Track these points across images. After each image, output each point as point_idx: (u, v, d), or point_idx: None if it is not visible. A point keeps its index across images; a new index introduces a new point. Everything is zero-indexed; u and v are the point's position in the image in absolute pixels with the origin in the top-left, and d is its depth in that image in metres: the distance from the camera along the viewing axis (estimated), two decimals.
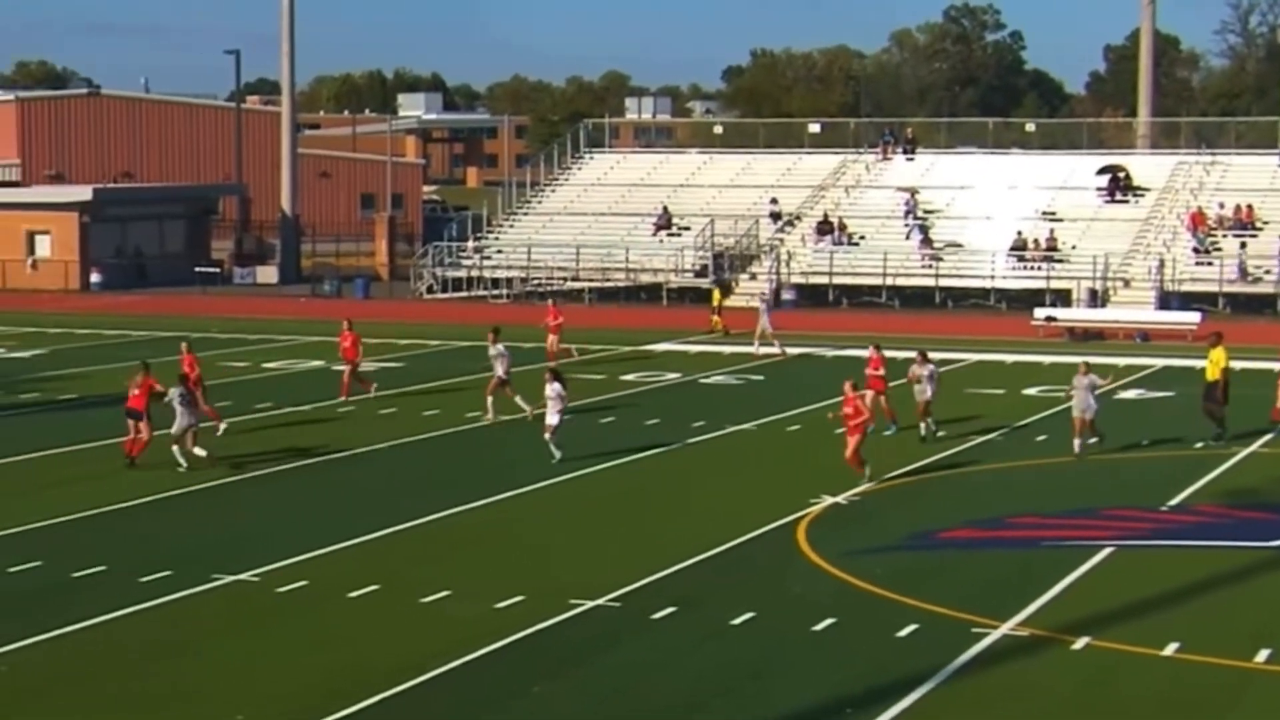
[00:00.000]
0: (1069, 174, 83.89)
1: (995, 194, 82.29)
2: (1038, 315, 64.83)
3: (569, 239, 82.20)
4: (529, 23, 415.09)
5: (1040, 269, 74.94)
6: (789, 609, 24.65)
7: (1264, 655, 22.23)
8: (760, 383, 49.77)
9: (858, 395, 33.81)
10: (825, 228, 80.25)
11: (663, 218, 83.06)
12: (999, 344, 59.11)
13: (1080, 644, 22.76)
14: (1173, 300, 70.39)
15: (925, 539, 29.48)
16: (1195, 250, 74.40)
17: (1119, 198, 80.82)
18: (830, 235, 79.69)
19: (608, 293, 78.19)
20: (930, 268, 76.71)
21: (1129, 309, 68.55)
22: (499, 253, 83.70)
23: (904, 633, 23.32)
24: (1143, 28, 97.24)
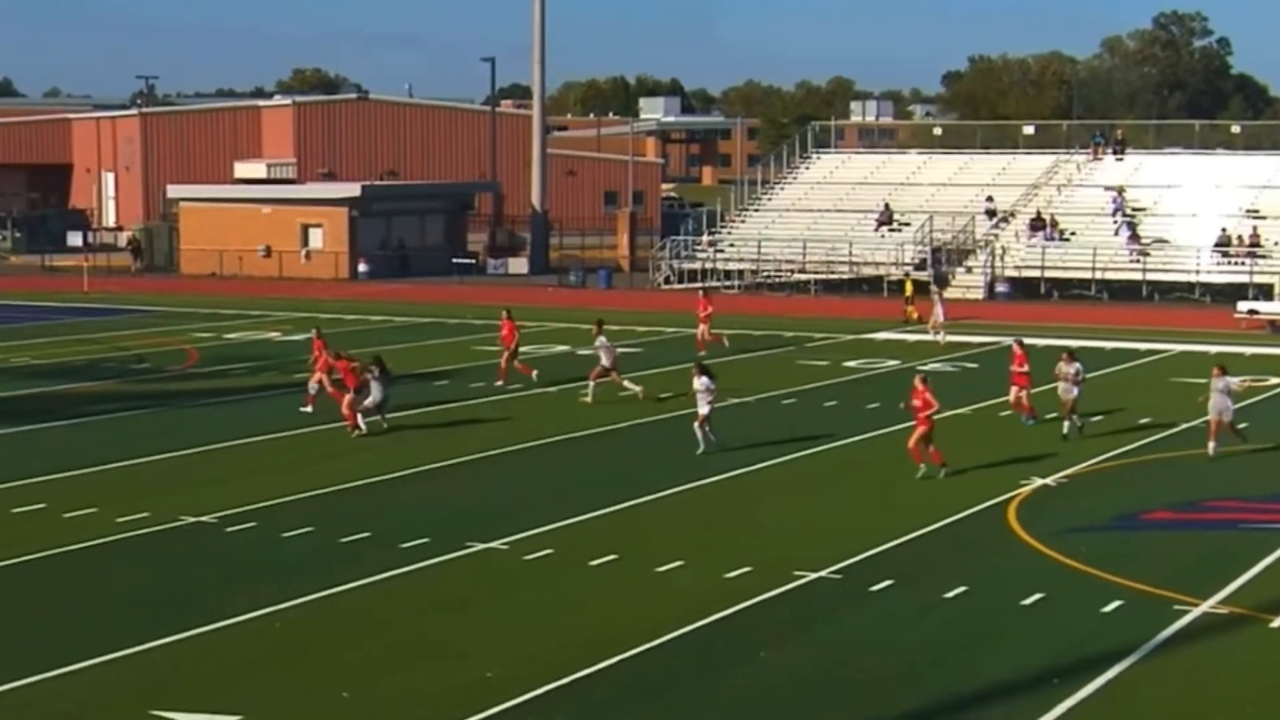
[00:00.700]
0: (1273, 173, 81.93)
1: (1201, 192, 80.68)
2: (1240, 308, 63.49)
3: (796, 234, 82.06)
4: (762, 31, 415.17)
5: (1243, 264, 73.42)
6: (1000, 584, 24.45)
7: None
8: (975, 370, 49.32)
9: (927, 388, 32.69)
10: (1038, 224, 79.26)
11: (884, 214, 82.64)
12: (1202, 335, 57.98)
13: (1279, 623, 22.36)
14: None
15: (1129, 520, 29.05)
16: None
17: None
18: (1042, 231, 78.71)
19: (831, 284, 77.94)
20: (1137, 262, 75.46)
21: None
22: (731, 246, 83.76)
23: (1108, 609, 23.02)
24: None
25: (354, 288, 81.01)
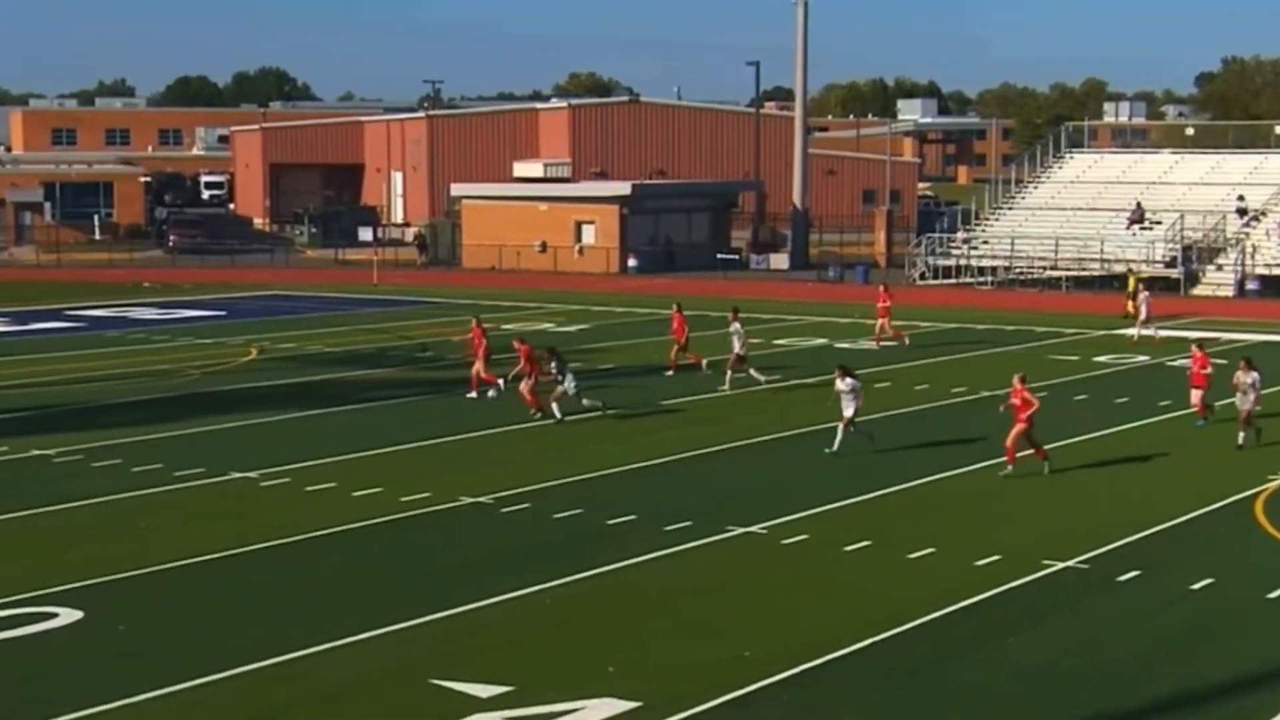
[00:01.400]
0: None
1: None
2: None
3: (1049, 231, 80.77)
4: (1017, 34, 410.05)
5: None
6: (1246, 577, 23.87)
7: None
8: (1222, 366, 48.07)
9: (1025, 387, 31.55)
10: None
11: (1136, 213, 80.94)
12: None
13: None
14: None
15: None
16: None
17: None
18: None
19: (1082, 281, 76.58)
20: None
21: None
22: (985, 243, 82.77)
23: None
24: None
25: (623, 281, 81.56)
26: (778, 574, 24.28)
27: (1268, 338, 53.99)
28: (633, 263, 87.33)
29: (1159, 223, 79.75)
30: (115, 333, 57.41)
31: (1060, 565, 24.36)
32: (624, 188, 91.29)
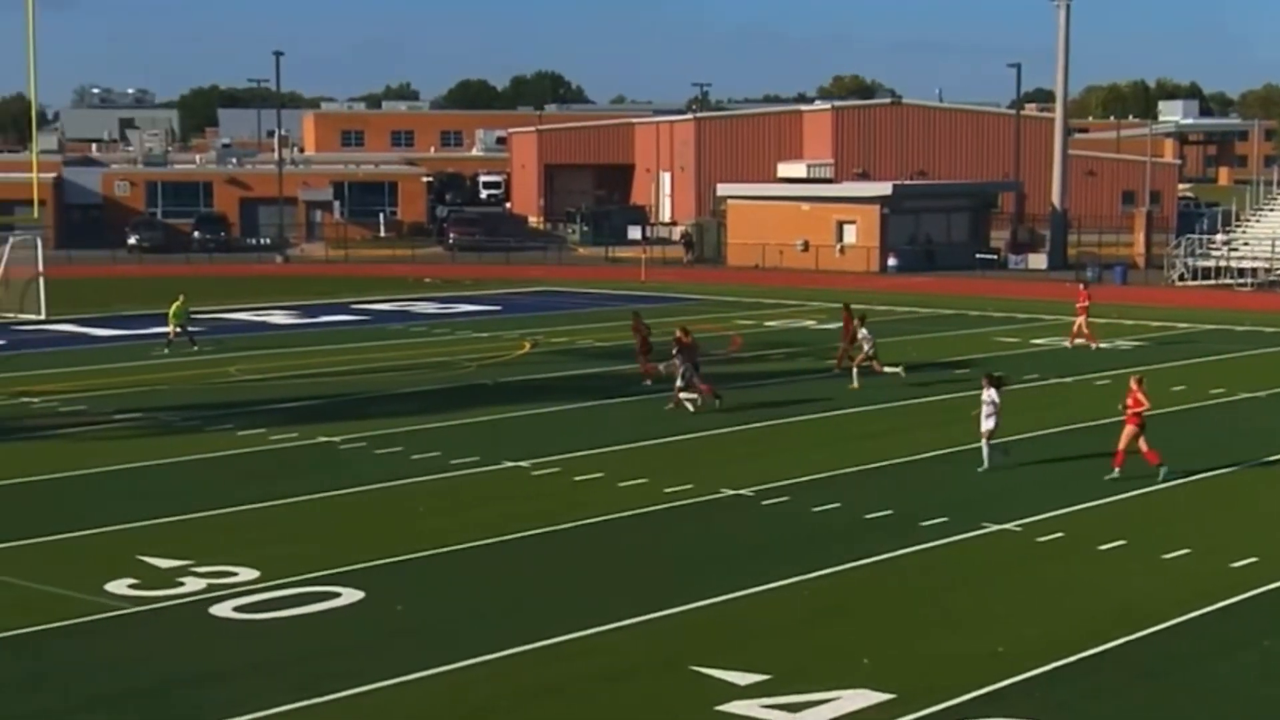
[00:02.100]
0: None
1: None
2: None
3: None
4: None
5: None
6: None
7: None
8: None
9: (1140, 388, 30.07)
10: None
11: None
12: None
13: None
14: None
15: None
16: None
17: None
18: None
19: None
20: None
21: None
22: (1245, 245, 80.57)
23: None
24: None
25: (883, 280, 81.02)
26: (1032, 571, 23.97)
27: None
28: (893, 262, 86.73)
29: None
30: (397, 326, 58.74)
31: None
32: (885, 188, 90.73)
